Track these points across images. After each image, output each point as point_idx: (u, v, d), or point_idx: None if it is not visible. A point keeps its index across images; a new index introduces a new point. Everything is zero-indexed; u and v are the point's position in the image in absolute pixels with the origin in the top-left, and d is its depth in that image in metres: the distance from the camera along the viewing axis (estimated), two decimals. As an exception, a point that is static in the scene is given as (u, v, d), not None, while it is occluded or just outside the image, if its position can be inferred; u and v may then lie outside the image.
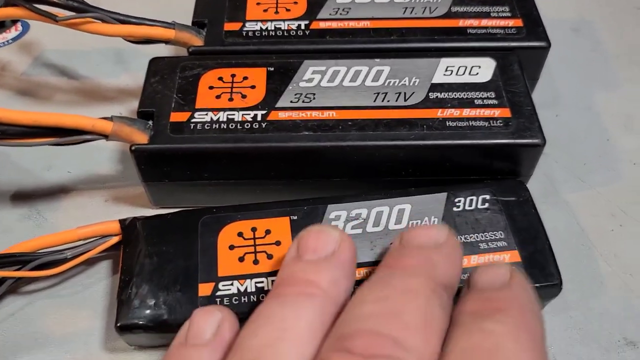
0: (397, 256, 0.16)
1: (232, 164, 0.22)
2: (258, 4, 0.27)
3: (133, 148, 0.22)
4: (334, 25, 0.26)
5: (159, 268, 0.20)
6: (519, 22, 0.26)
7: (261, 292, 0.19)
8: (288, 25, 0.26)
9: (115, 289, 0.20)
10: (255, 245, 0.20)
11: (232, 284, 0.19)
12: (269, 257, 0.20)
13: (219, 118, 0.22)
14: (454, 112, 0.23)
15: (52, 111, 0.28)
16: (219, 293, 0.19)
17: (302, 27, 0.26)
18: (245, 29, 0.26)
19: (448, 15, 0.26)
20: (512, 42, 0.25)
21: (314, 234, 0.17)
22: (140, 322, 0.19)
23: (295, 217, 0.21)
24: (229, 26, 0.26)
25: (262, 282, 0.19)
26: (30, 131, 0.21)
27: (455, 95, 0.23)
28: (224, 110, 0.23)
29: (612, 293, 0.22)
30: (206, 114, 0.23)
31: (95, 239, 0.21)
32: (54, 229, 0.24)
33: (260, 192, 0.23)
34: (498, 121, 0.22)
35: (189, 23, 0.26)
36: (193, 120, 0.22)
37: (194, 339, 0.16)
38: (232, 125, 0.22)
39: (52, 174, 0.26)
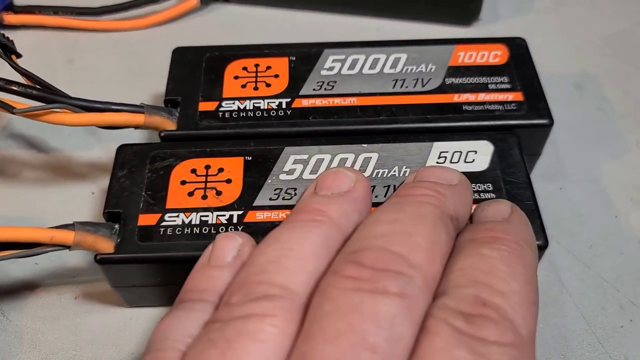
0: (411, 187, 0.18)
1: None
2: (236, 77, 0.25)
3: (98, 258, 0.20)
4: (318, 103, 0.24)
5: None
6: (519, 96, 0.24)
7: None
8: (268, 104, 0.24)
9: None
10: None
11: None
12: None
13: (191, 221, 0.20)
14: (448, 210, 0.21)
15: (21, 191, 0.27)
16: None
17: (284, 105, 0.24)
18: (221, 109, 0.24)
19: (442, 88, 0.24)
20: (512, 120, 0.23)
21: (332, 174, 0.18)
22: None
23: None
24: (204, 106, 0.24)
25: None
26: (-16, 245, 0.19)
27: (449, 188, 0.21)
28: (197, 210, 0.21)
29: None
30: (177, 216, 0.21)
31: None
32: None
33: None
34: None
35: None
36: (163, 224, 0.20)
37: (217, 260, 0.17)
38: (205, 230, 0.20)
39: (17, 267, 0.24)
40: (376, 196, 0.21)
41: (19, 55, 0.24)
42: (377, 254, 0.15)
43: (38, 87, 0.22)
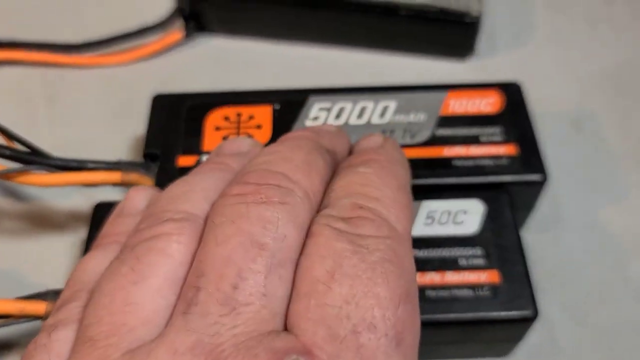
0: (289, 133, 0.20)
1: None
2: (217, 128, 0.24)
3: (70, 331, 0.19)
4: (303, 157, 0.23)
5: None
6: (512, 149, 0.23)
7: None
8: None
9: None
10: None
11: None
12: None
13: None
14: (435, 278, 0.20)
15: (-3, 242, 0.26)
16: None
17: (265, 160, 0.23)
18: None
19: (432, 141, 0.23)
20: (504, 176, 0.22)
21: (231, 140, 0.20)
22: None
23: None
24: (184, 160, 0.23)
25: None
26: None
27: (437, 254, 0.20)
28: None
29: None
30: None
31: None
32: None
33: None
34: (485, 289, 0.20)
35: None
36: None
37: (130, 210, 0.19)
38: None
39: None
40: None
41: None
42: (259, 173, 0.16)
43: (11, 146, 0.21)
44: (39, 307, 0.19)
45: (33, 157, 0.21)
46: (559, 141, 0.28)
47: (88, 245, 0.21)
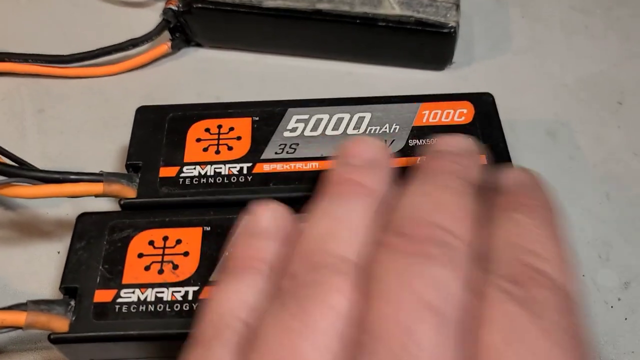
0: (432, 159, 0.19)
1: (161, 347, 0.21)
2: (198, 140, 0.24)
3: (51, 337, 0.20)
4: (279, 167, 0.23)
5: None
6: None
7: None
8: (229, 169, 0.23)
9: None
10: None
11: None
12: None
13: (146, 298, 0.20)
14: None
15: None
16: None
17: (245, 171, 0.23)
18: (182, 175, 0.23)
19: (405, 150, 0.24)
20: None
21: (356, 142, 0.20)
22: None
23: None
24: (165, 171, 0.24)
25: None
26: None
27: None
28: (152, 286, 0.21)
29: None
30: (133, 292, 0.21)
31: None
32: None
33: None
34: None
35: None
36: (119, 300, 0.20)
37: (259, 230, 0.18)
38: (160, 307, 0.20)
39: (-19, 333, 0.24)
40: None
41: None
42: (416, 224, 0.16)
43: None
44: (19, 317, 0.20)
45: (17, 170, 0.22)
46: (534, 149, 0.29)
47: (70, 256, 0.22)
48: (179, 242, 0.22)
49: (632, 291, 0.25)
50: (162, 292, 0.21)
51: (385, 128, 0.24)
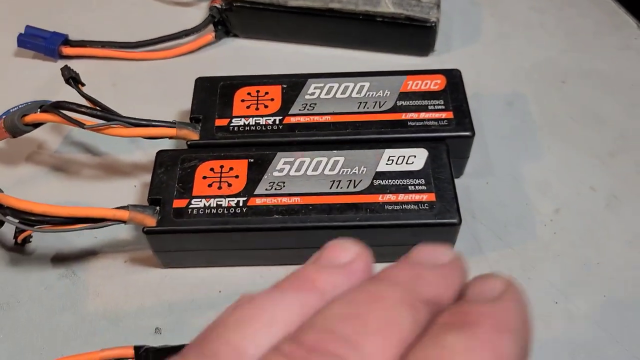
0: (389, 267, 0.16)
1: (222, 240, 0.29)
2: (242, 100, 0.33)
3: (145, 230, 0.29)
4: (302, 120, 0.32)
5: None
6: (450, 115, 0.32)
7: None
8: (265, 120, 0.32)
9: None
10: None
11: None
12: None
13: (210, 204, 0.29)
14: (392, 197, 0.29)
15: (81, 184, 0.35)
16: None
17: (277, 122, 0.32)
18: (232, 124, 0.32)
19: (394, 109, 0.32)
20: (444, 133, 0.32)
21: (333, 246, 0.17)
22: None
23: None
24: (219, 122, 0.32)
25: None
26: (67, 221, 0.28)
27: (393, 183, 0.30)
28: (214, 197, 0.29)
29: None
30: (200, 201, 0.29)
31: None
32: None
33: (244, 258, 0.30)
34: (425, 205, 0.29)
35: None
36: (190, 206, 0.29)
37: (332, 263, 0.17)
38: (220, 211, 0.29)
39: (81, 240, 0.33)
40: (341, 188, 0.29)
41: (83, 84, 0.33)
42: (319, 334, 0.14)
43: (99, 108, 0.31)
44: (124, 214, 0.28)
45: (115, 116, 0.31)
46: (495, 114, 0.37)
47: (154, 178, 0.30)
48: (231, 169, 0.30)
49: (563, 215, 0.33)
50: (221, 201, 0.29)
51: (380, 92, 0.33)
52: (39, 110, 0.32)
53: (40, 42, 0.40)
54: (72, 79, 0.32)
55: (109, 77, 0.40)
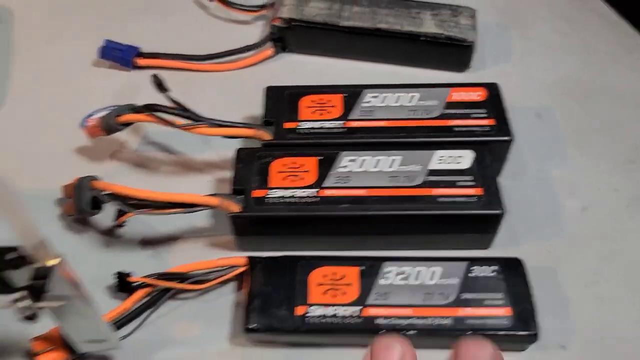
0: None
1: (296, 226, 0.34)
2: (308, 107, 0.38)
3: (230, 215, 0.33)
4: (362, 124, 0.37)
5: (271, 292, 0.31)
6: (491, 122, 0.37)
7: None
8: (329, 124, 0.37)
9: (237, 303, 0.33)
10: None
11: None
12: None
13: (285, 194, 0.33)
14: (443, 190, 0.33)
15: (160, 179, 0.40)
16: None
17: (339, 125, 0.37)
18: (299, 127, 0.37)
19: (441, 116, 0.37)
20: (486, 137, 0.36)
21: (383, 345, 0.20)
22: (259, 327, 0.30)
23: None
24: (288, 125, 0.37)
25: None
26: (165, 205, 0.32)
27: (445, 178, 0.34)
28: (289, 188, 0.34)
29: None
30: (276, 192, 0.34)
31: (227, 267, 0.33)
32: (170, 265, 0.35)
33: (314, 243, 0.34)
34: (473, 197, 0.33)
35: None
36: (268, 196, 0.34)
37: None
38: (294, 200, 0.33)
39: (166, 227, 0.37)
40: (399, 182, 0.34)
41: (169, 90, 0.37)
42: None
43: (186, 110, 0.35)
44: (214, 200, 0.33)
45: (200, 117, 0.35)
46: (526, 125, 0.42)
47: (236, 172, 0.35)
48: (302, 165, 0.35)
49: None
50: (295, 191, 0.34)
51: (428, 102, 0.38)
52: (130, 111, 0.36)
53: (118, 54, 0.45)
54: (160, 85, 0.37)
55: (179, 86, 0.44)
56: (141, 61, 0.45)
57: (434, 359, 0.24)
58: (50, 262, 0.24)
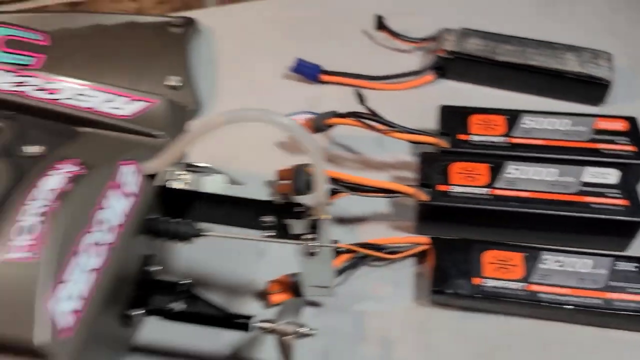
0: None
1: (472, 217, 0.42)
2: (477, 123, 0.46)
3: (420, 203, 0.42)
4: (523, 141, 0.45)
5: (452, 265, 0.40)
6: (634, 148, 0.44)
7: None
8: (495, 139, 0.45)
9: (419, 273, 0.41)
10: (503, 264, 0.40)
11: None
12: (511, 272, 0.40)
13: (465, 191, 0.42)
14: (595, 199, 0.41)
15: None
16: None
17: (504, 141, 0.45)
18: (471, 139, 0.45)
19: (591, 140, 0.45)
20: (630, 160, 0.44)
21: None
22: (444, 290, 0.39)
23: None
24: (461, 137, 0.46)
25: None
26: (371, 189, 0.41)
27: (596, 190, 0.42)
28: (465, 186, 0.42)
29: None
30: (457, 188, 0.42)
31: (412, 244, 0.41)
32: (360, 240, 0.44)
33: (484, 235, 0.43)
34: (620, 207, 0.41)
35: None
36: (450, 191, 0.42)
37: None
38: (472, 195, 0.42)
39: (356, 210, 0.46)
40: (558, 190, 0.42)
41: (366, 101, 0.46)
42: None
43: (381, 118, 0.45)
44: (411, 189, 0.41)
45: (394, 125, 0.44)
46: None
47: (423, 169, 0.43)
48: (475, 169, 0.43)
49: None
50: (473, 189, 0.42)
51: (578, 127, 0.46)
52: (336, 116, 0.46)
53: (307, 70, 0.55)
54: (361, 97, 0.46)
55: (354, 100, 0.54)
56: (325, 77, 0.55)
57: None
58: (324, 217, 0.34)
